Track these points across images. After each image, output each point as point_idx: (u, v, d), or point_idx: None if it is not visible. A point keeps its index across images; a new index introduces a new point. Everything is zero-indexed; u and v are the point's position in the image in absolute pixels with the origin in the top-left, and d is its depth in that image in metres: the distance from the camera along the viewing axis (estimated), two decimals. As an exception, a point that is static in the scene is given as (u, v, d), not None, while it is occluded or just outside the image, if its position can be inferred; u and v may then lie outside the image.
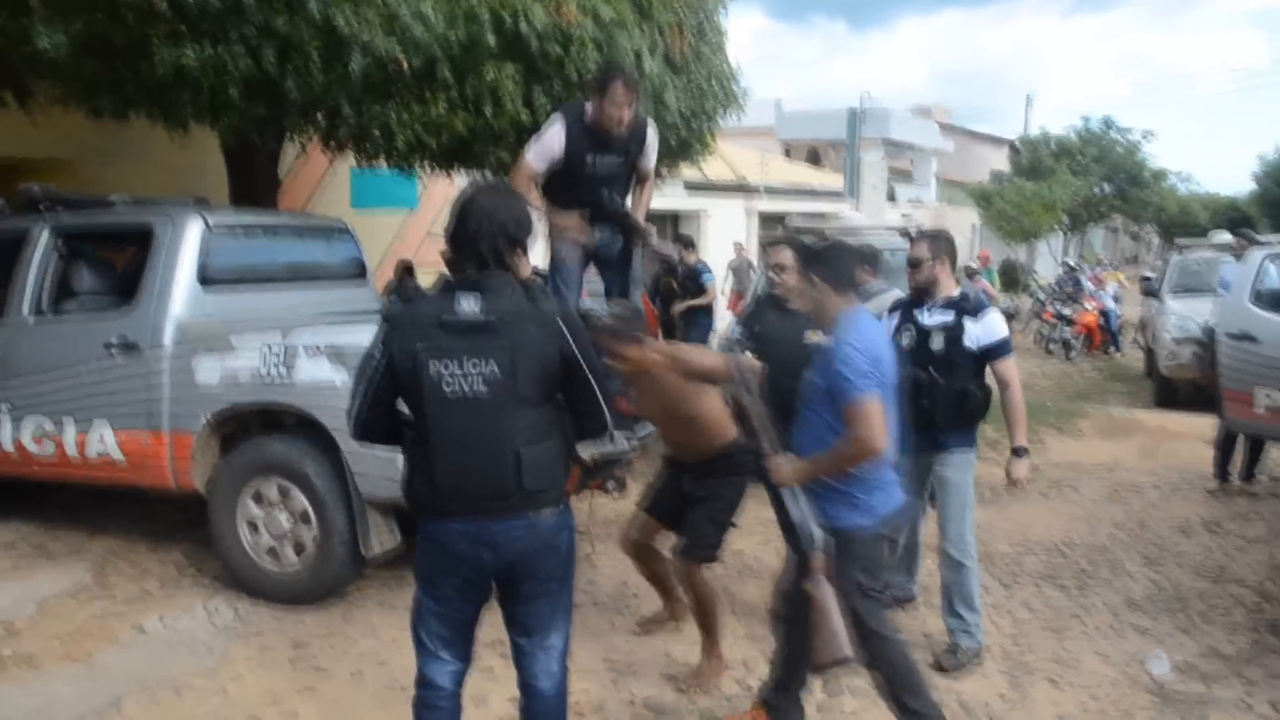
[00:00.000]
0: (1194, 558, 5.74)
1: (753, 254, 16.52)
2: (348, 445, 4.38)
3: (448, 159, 6.92)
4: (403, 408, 2.66)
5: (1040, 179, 29.93)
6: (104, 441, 4.99)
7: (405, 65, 5.20)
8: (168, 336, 4.87)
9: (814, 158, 31.03)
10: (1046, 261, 32.29)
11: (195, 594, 4.88)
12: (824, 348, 3.18)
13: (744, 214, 19.66)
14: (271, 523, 4.70)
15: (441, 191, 12.12)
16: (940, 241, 4.46)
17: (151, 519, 5.91)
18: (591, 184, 4.58)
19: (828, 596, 3.02)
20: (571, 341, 2.63)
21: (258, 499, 4.72)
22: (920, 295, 4.39)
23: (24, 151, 7.92)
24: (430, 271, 9.85)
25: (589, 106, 4.50)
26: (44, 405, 5.11)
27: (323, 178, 10.43)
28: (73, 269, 5.33)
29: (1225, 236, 14.18)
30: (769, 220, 19.07)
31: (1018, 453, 4.36)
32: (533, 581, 2.71)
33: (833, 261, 3.30)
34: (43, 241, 5.26)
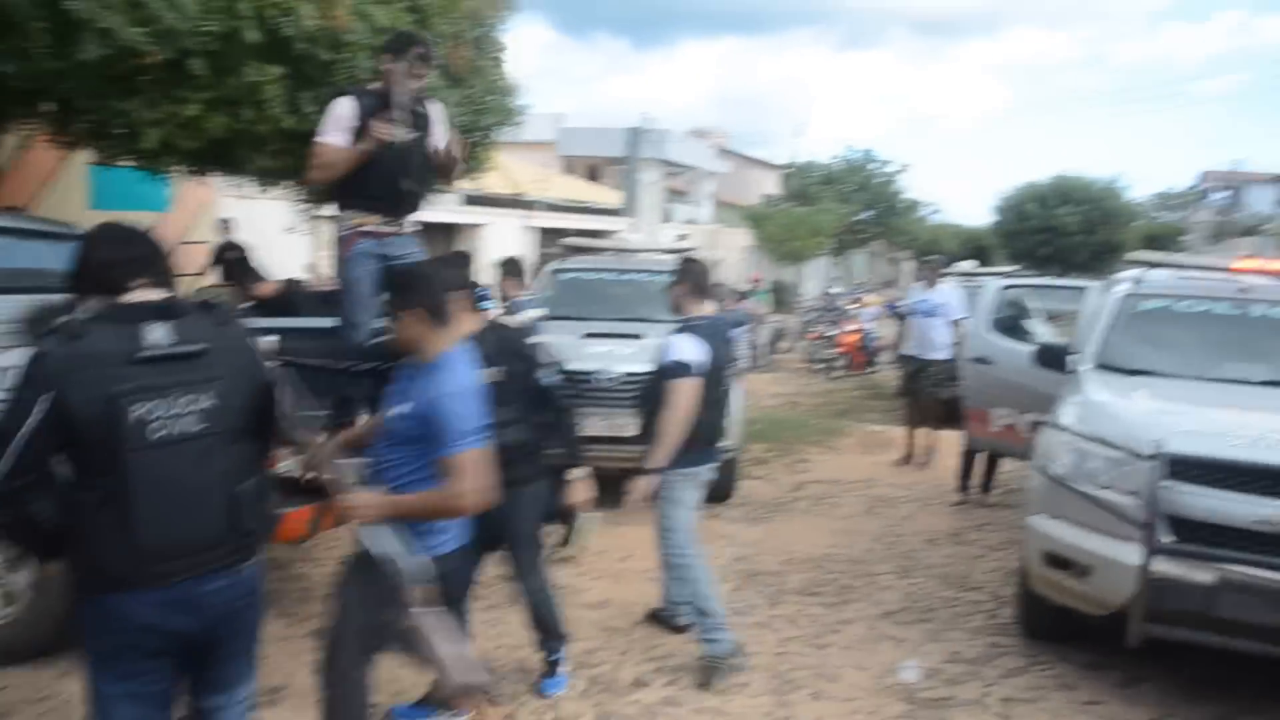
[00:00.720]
0: (941, 567, 6.14)
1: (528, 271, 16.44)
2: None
3: (204, 161, 6.38)
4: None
5: (808, 204, 31.71)
6: None
7: (153, 57, 4.73)
8: None
9: (593, 174, 31.39)
10: (814, 283, 34.17)
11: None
12: (424, 391, 2.88)
13: (522, 229, 19.57)
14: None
15: (197, 195, 11.27)
16: (685, 267, 4.60)
17: None
18: (387, 160, 4.26)
19: (431, 628, 2.76)
20: (266, 365, 2.50)
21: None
22: None
23: None
24: (190, 279, 9.11)
25: (378, 83, 4.33)
26: None
27: (54, 172, 9.41)
28: None
29: (970, 265, 15.53)
30: (548, 236, 19.07)
31: (644, 472, 4.34)
32: (235, 639, 2.47)
33: (423, 289, 2.96)
34: None
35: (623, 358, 6.96)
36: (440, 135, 4.55)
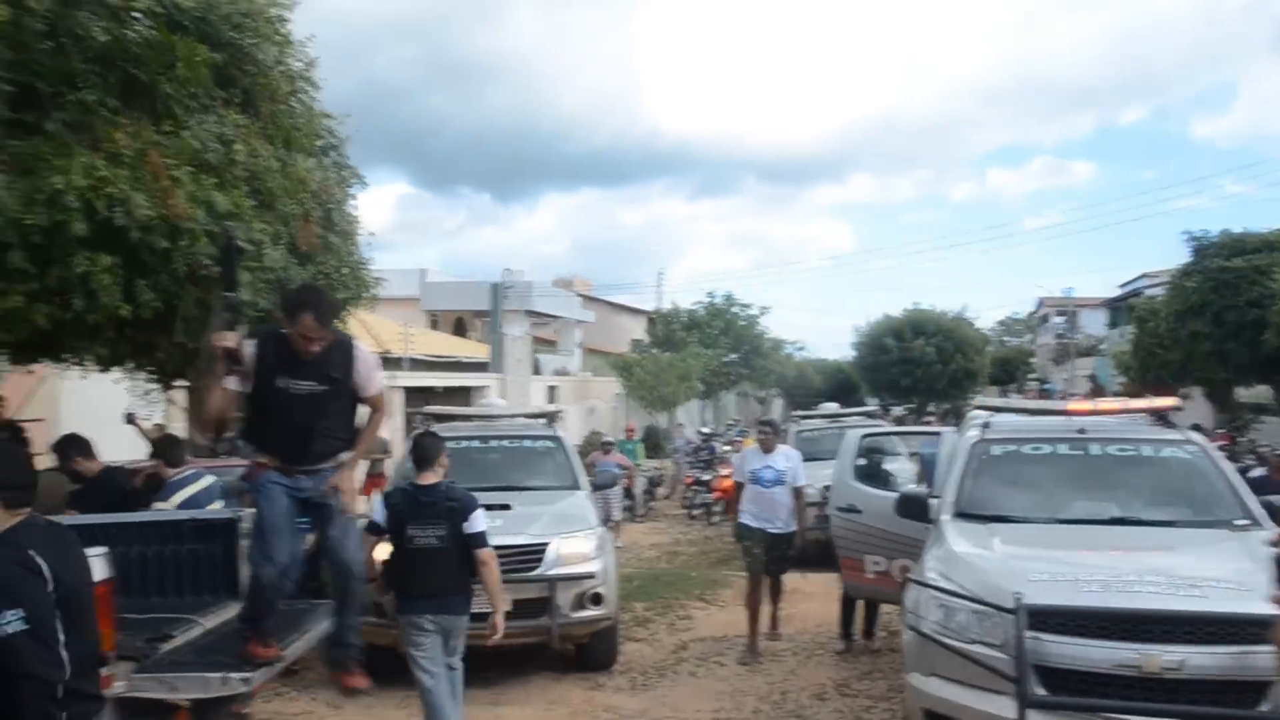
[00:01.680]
0: (829, 726, 6.00)
1: (398, 432, 16.11)
2: None
3: (31, 352, 6.02)
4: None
5: (675, 349, 32.38)
6: None
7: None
8: None
9: (460, 328, 31.39)
10: (686, 427, 34.57)
11: None
12: None
13: (387, 389, 19.21)
14: None
15: (22, 382, 10.64)
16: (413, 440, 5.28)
17: None
18: (288, 410, 4.25)
19: None
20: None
21: None
22: None
23: None
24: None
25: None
26: None
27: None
28: None
29: (833, 407, 16.03)
30: (415, 396, 18.76)
31: None
32: None
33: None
34: None
35: (491, 531, 6.74)
36: (368, 377, 4.49)
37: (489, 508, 6.97)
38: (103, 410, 9.95)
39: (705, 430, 19.89)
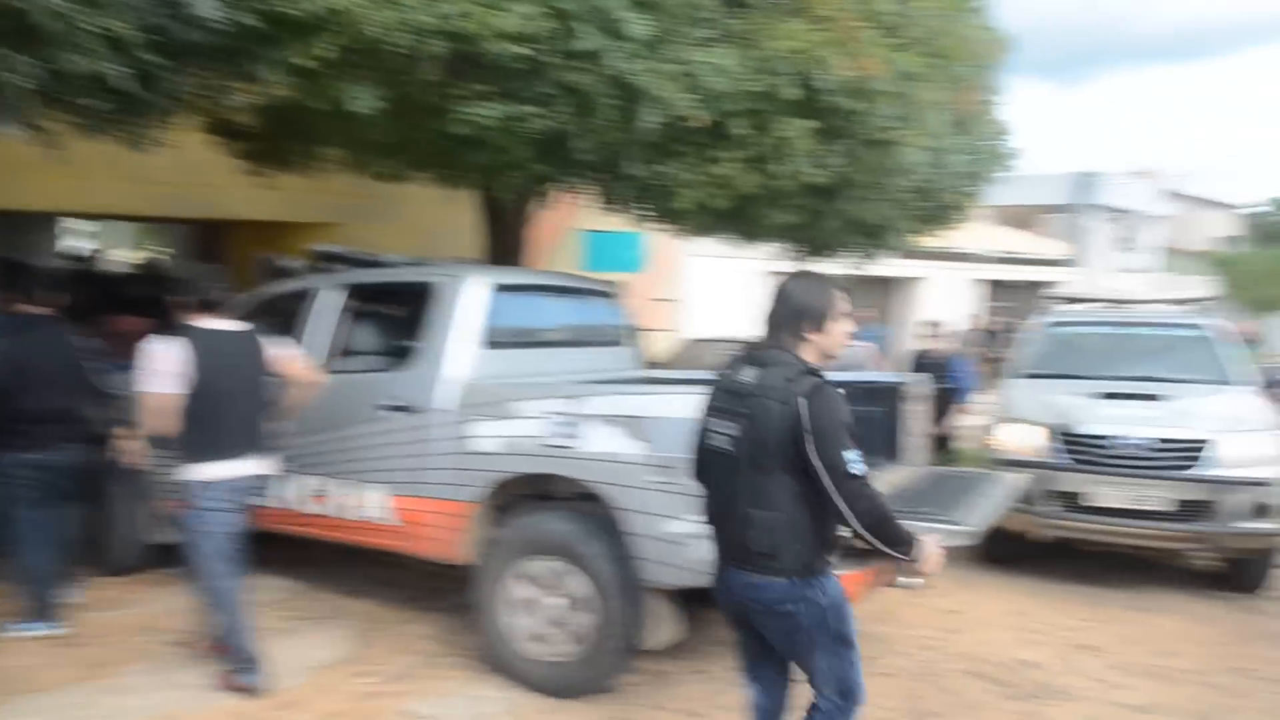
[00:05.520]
0: None
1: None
2: (631, 526, 4.01)
3: (726, 221, 6.55)
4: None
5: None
6: (377, 505, 4.80)
7: (700, 120, 4.88)
8: (446, 400, 4.62)
9: (1020, 225, 29.47)
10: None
11: (458, 676, 4.53)
12: None
13: (970, 282, 18.59)
14: (543, 606, 4.31)
15: (670, 256, 11.88)
16: None
17: (401, 585, 5.72)
18: None
19: None
20: (807, 422, 2.60)
21: (528, 578, 4.35)
22: None
23: (293, 215, 8.29)
24: (657, 335, 9.59)
25: None
26: (320, 464, 4.99)
27: (557, 238, 10.38)
28: (355, 327, 5.23)
29: None
30: (1002, 289, 18.00)
31: None
32: (764, 630, 2.85)
33: None
34: (327, 299, 5.19)
35: (1147, 421, 6.19)
36: None
37: (1138, 398, 6.44)
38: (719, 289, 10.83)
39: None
